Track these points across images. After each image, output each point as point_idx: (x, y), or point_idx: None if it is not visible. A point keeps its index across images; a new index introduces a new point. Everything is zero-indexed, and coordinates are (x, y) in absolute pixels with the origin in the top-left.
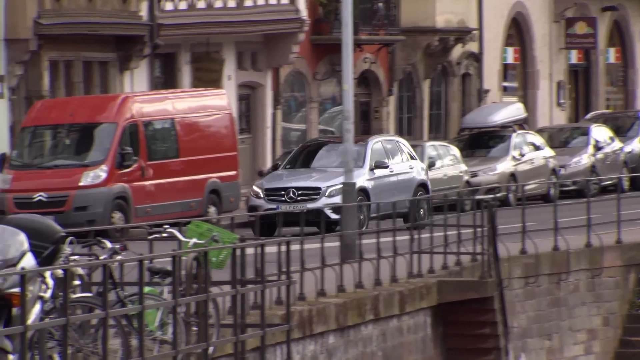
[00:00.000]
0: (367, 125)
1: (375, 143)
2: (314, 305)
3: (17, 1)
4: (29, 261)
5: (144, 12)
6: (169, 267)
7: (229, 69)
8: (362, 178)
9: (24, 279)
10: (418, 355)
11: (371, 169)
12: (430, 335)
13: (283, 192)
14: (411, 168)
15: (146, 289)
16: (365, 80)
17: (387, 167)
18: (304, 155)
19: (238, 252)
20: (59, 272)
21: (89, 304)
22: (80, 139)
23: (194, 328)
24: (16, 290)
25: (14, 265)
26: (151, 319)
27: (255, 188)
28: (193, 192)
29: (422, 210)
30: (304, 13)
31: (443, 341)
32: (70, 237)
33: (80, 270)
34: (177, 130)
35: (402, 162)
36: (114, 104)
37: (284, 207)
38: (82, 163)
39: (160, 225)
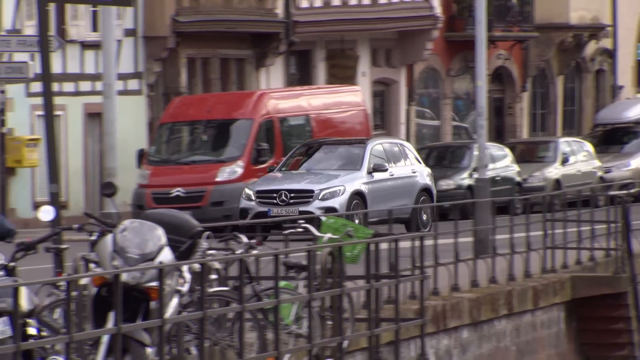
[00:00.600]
0: (500, 122)
1: (376, 145)
2: (448, 300)
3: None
4: (166, 255)
5: (279, 10)
6: (304, 262)
7: (364, 65)
8: (359, 181)
9: (161, 273)
10: (551, 350)
11: (369, 172)
12: (564, 330)
13: (275, 195)
14: (414, 172)
15: (281, 284)
16: (498, 76)
17: (386, 170)
18: (301, 157)
19: (372, 247)
20: (196, 266)
21: (225, 297)
22: (217, 135)
23: (329, 322)
24: (154, 284)
25: (152, 259)
26: (286, 312)
27: (246, 190)
28: None
29: (425, 215)
30: (437, 10)
31: (576, 336)
32: (207, 232)
33: (217, 265)
34: (312, 127)
35: (405, 166)
36: (250, 101)
37: (276, 210)
38: (218, 159)
39: (296, 221)
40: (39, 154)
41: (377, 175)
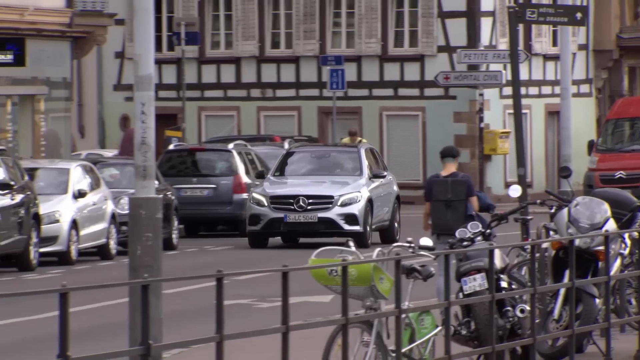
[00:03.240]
0: None
1: (366, 150)
2: None
3: (604, 20)
4: (611, 225)
5: None
6: None
7: None
8: (366, 188)
9: (607, 239)
10: None
11: (370, 178)
12: None
13: (292, 201)
14: (390, 179)
15: None
16: None
17: (384, 176)
18: (289, 162)
19: None
20: (635, 234)
21: None
22: None
23: None
24: (601, 248)
25: (599, 228)
26: None
27: (255, 195)
28: None
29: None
30: None
31: None
32: None
33: None
34: None
35: (382, 171)
36: None
37: (293, 217)
38: None
39: None
40: (509, 144)
41: (375, 182)
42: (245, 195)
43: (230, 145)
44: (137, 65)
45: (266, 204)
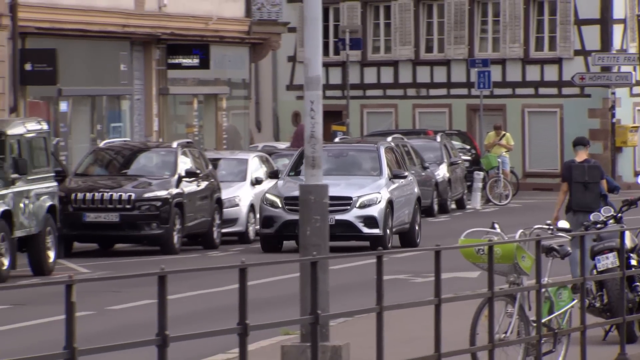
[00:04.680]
0: None
1: (386, 149)
2: None
3: None
4: None
5: None
6: None
7: None
8: (386, 189)
9: None
10: None
11: (390, 179)
12: None
13: None
14: (410, 179)
15: None
16: None
17: (405, 177)
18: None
19: None
20: None
21: None
22: None
23: None
24: None
25: None
26: None
27: (269, 196)
28: None
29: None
30: None
31: None
32: None
33: None
34: None
35: (403, 171)
36: None
37: None
38: None
39: None
40: (637, 137)
41: (395, 182)
42: None
43: (389, 138)
44: (307, 67)
45: (280, 205)
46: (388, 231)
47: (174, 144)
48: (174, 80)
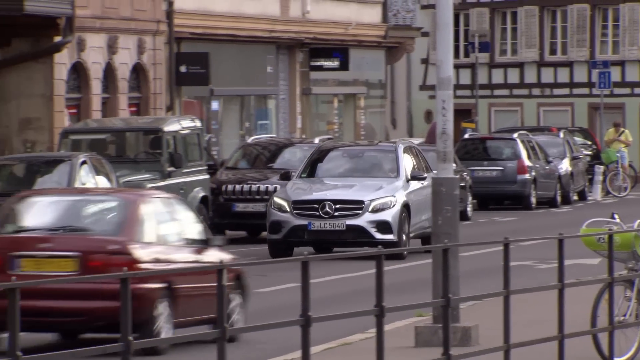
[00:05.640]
0: None
1: (405, 149)
2: None
3: None
4: None
5: None
6: None
7: None
8: (402, 191)
9: None
10: None
11: (407, 181)
12: None
13: (317, 206)
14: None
15: None
16: None
17: (424, 179)
18: (318, 162)
19: None
20: None
21: None
22: None
23: None
24: None
25: None
26: None
27: (277, 200)
28: None
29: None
30: None
31: None
32: None
33: None
34: None
35: (422, 172)
36: None
37: (318, 224)
38: None
39: None
40: None
41: (413, 184)
42: (527, 176)
43: (515, 135)
44: (439, 69)
45: (288, 210)
46: (404, 236)
47: (316, 140)
48: (315, 81)
